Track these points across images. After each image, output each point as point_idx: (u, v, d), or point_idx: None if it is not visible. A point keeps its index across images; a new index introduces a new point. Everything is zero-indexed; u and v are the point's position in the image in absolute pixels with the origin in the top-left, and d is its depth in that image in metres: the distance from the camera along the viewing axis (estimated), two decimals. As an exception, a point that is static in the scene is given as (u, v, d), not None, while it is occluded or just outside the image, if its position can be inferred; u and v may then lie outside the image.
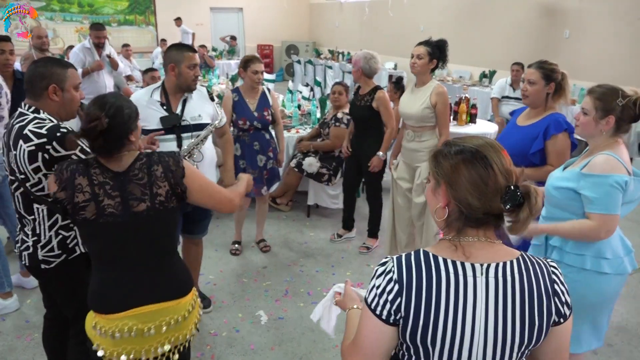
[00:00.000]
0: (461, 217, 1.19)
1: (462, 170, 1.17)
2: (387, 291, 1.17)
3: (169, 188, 1.77)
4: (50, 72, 2.01)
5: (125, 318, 1.75)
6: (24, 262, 2.16)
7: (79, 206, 1.70)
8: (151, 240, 1.80)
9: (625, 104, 2.08)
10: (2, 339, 3.16)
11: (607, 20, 7.68)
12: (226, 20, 15.44)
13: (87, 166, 1.73)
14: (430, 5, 11.39)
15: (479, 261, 1.17)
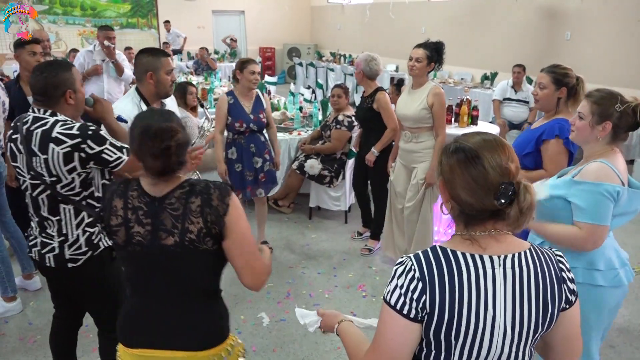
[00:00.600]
0: (461, 213, 1.24)
1: (456, 169, 1.22)
2: (411, 289, 1.19)
3: (203, 226, 1.51)
4: (63, 79, 2.06)
5: (138, 356, 1.60)
6: (48, 265, 2.16)
7: (112, 230, 1.57)
8: (179, 278, 1.57)
9: (624, 110, 1.99)
10: (5, 341, 3.17)
11: (608, 22, 7.68)
12: (228, 23, 15.47)
13: (127, 188, 1.59)
14: (432, 8, 11.41)
15: (495, 253, 1.21)
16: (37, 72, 2.08)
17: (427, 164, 3.63)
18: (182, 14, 14.37)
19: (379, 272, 4.08)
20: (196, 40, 12.92)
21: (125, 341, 1.63)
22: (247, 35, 15.77)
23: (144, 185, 1.58)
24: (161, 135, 1.47)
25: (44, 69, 2.09)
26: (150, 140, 1.47)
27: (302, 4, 16.22)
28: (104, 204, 1.62)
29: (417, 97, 3.56)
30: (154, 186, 1.56)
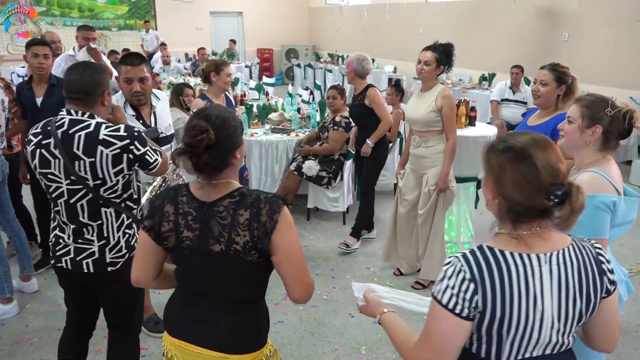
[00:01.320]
0: (509, 212, 1.28)
1: (507, 168, 1.26)
2: (463, 290, 1.24)
3: (249, 239, 1.49)
4: (104, 79, 2.09)
5: (173, 345, 1.64)
6: (86, 271, 2.13)
7: (163, 235, 1.57)
8: (222, 284, 1.57)
9: (614, 115, 1.95)
10: (1, 343, 3.15)
11: (606, 23, 7.70)
12: (226, 24, 15.47)
13: (177, 194, 1.58)
14: (430, 8, 11.42)
15: (541, 251, 1.27)
16: (79, 70, 2.04)
17: (438, 169, 3.54)
18: (180, 16, 14.37)
19: (377, 273, 4.07)
20: (194, 41, 12.91)
21: (169, 329, 1.68)
22: (245, 36, 15.77)
23: (192, 191, 1.57)
24: (191, 132, 1.46)
25: (85, 67, 2.08)
26: (190, 137, 1.46)
27: (300, 5, 16.24)
28: (154, 210, 1.59)
29: (426, 100, 3.50)
30: (203, 191, 1.55)
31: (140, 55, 2.77)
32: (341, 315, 3.48)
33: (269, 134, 5.21)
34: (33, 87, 3.69)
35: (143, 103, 2.73)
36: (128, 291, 2.22)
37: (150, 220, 1.58)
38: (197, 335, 1.59)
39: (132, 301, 2.31)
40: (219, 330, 1.58)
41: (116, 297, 2.27)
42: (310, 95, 8.31)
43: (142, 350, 3.08)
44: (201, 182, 1.55)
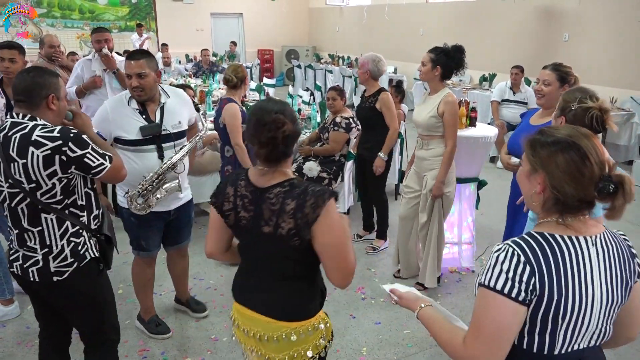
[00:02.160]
0: (558, 203, 1.30)
1: (560, 160, 1.27)
2: (519, 273, 1.23)
3: (293, 227, 1.63)
4: (49, 82, 2.03)
5: (236, 309, 1.86)
6: (32, 279, 2.06)
7: (225, 213, 1.77)
8: (273, 260, 1.75)
9: (577, 111, 2.09)
10: (2, 345, 3.15)
11: (606, 23, 7.70)
12: (226, 25, 15.49)
13: (237, 177, 1.78)
14: (430, 9, 11.42)
15: (588, 234, 1.30)
16: (23, 73, 2.04)
17: (436, 172, 3.51)
18: (181, 17, 14.39)
19: (379, 275, 4.06)
20: (195, 43, 12.93)
21: (234, 295, 1.88)
22: (245, 37, 15.78)
23: (250, 176, 1.75)
24: (270, 125, 1.61)
25: (31, 70, 2.05)
26: (260, 128, 1.62)
27: (300, 6, 16.24)
28: (219, 190, 1.79)
29: (430, 104, 3.47)
30: (260, 177, 1.71)
31: (143, 52, 2.78)
32: (342, 316, 3.47)
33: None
34: (4, 88, 3.66)
35: (144, 99, 2.72)
36: (89, 303, 2.18)
37: (215, 198, 1.79)
38: (253, 302, 1.79)
39: (97, 311, 2.23)
40: (270, 300, 1.76)
41: (76, 309, 2.20)
42: (310, 96, 8.30)
43: (143, 352, 3.09)
44: (261, 170, 1.71)
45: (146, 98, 2.72)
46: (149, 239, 2.98)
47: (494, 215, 5.16)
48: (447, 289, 3.86)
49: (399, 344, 3.21)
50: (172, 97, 2.86)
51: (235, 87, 3.83)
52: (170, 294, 3.59)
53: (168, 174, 2.79)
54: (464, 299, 3.74)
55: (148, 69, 2.66)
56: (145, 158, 2.75)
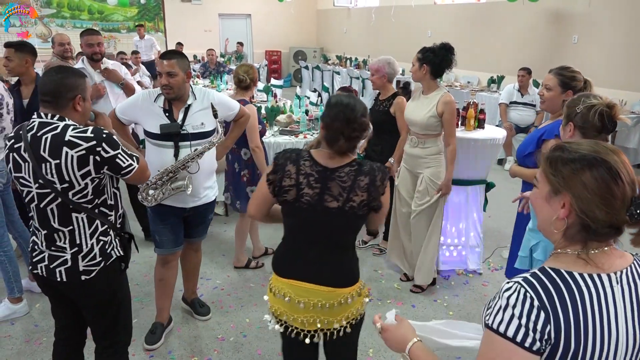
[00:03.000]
0: (583, 230, 1.13)
1: (588, 179, 1.11)
2: (532, 320, 1.08)
3: (365, 199, 1.90)
4: (77, 83, 2.05)
5: (286, 284, 1.98)
6: (59, 279, 2.07)
7: (284, 189, 1.92)
8: (332, 232, 1.96)
9: (583, 111, 2.05)
10: (11, 342, 3.18)
11: (615, 25, 7.65)
12: (234, 26, 15.53)
13: (299, 157, 1.94)
14: (438, 11, 11.40)
15: (612, 270, 1.14)
16: (51, 73, 2.05)
17: (434, 169, 3.57)
18: (189, 18, 14.45)
19: (385, 276, 4.06)
20: (203, 43, 12.97)
21: (280, 272, 2.01)
22: (253, 38, 15.82)
23: (316, 157, 1.94)
24: (358, 126, 1.89)
25: (58, 70, 2.06)
26: (349, 127, 1.87)
27: (308, 7, 16.26)
28: (278, 168, 1.93)
29: (427, 104, 3.50)
30: (329, 159, 1.93)
31: (175, 52, 2.89)
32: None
33: (277, 136, 5.21)
34: (21, 89, 3.70)
35: (172, 97, 2.81)
36: (108, 301, 2.20)
37: (274, 175, 1.93)
38: (313, 275, 1.95)
39: (115, 311, 2.25)
40: (326, 270, 1.95)
41: (96, 307, 2.21)
42: (318, 97, 8.31)
43: (151, 351, 3.10)
44: (324, 152, 1.94)
45: (174, 96, 2.81)
46: (162, 235, 3.01)
47: (502, 217, 5.14)
48: (454, 291, 3.85)
49: (406, 345, 3.20)
50: (200, 99, 2.91)
51: (247, 88, 3.84)
52: (178, 293, 3.61)
53: (180, 173, 2.82)
54: (471, 302, 3.73)
55: (178, 69, 2.76)
56: (162, 153, 2.82)
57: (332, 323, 1.97)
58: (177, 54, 2.86)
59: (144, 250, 4.24)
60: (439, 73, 3.49)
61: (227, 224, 5.03)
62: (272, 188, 1.95)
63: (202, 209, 3.07)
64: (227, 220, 5.15)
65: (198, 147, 2.85)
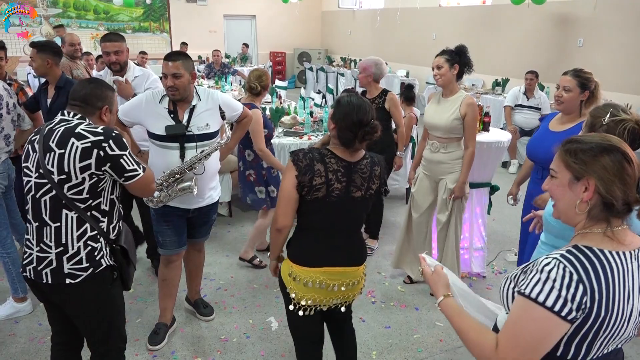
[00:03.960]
0: (605, 209, 1.30)
1: (607, 162, 1.29)
2: (571, 292, 1.22)
3: (379, 185, 2.23)
4: (106, 95, 2.17)
5: (319, 273, 2.15)
6: (45, 281, 2.05)
7: (316, 187, 2.08)
8: (355, 217, 2.23)
9: (609, 124, 2.02)
10: (15, 341, 3.19)
11: (621, 29, 7.63)
12: (239, 27, 15.55)
13: (322, 156, 2.12)
14: (443, 13, 11.39)
15: (631, 248, 1.32)
16: (85, 82, 2.20)
17: (456, 175, 3.51)
18: (194, 19, 14.48)
19: (389, 279, 4.05)
20: (208, 44, 13.00)
21: (310, 262, 2.17)
22: (258, 39, 15.84)
23: (339, 154, 2.13)
24: (369, 129, 2.07)
25: (91, 80, 2.23)
26: (359, 128, 2.06)
27: (313, 9, 16.28)
28: (305, 169, 2.06)
29: (449, 107, 3.45)
30: (350, 154, 2.14)
31: (179, 53, 2.89)
32: (352, 319, 3.45)
33: (282, 137, 5.22)
34: (48, 89, 3.72)
35: (178, 98, 2.82)
36: (97, 312, 2.17)
37: (303, 176, 2.06)
38: (343, 258, 2.20)
39: (106, 320, 2.21)
40: (355, 251, 2.26)
41: (84, 316, 2.17)
42: (322, 98, 8.32)
43: (154, 351, 3.10)
44: (343, 149, 2.13)
45: (180, 98, 2.81)
46: (165, 236, 3.02)
47: (506, 220, 5.13)
48: (458, 294, 3.84)
49: (409, 348, 3.20)
50: (204, 100, 2.92)
51: (258, 94, 3.86)
52: (181, 294, 3.61)
53: (186, 174, 2.82)
54: (475, 305, 3.71)
55: (183, 70, 2.77)
56: (168, 155, 2.82)
57: (349, 297, 2.30)
58: (182, 55, 2.86)
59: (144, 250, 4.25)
60: (462, 75, 3.48)
61: (231, 224, 5.04)
62: (301, 189, 2.08)
63: (206, 209, 3.07)
64: (230, 221, 5.16)
65: (204, 148, 2.86)
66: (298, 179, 2.07)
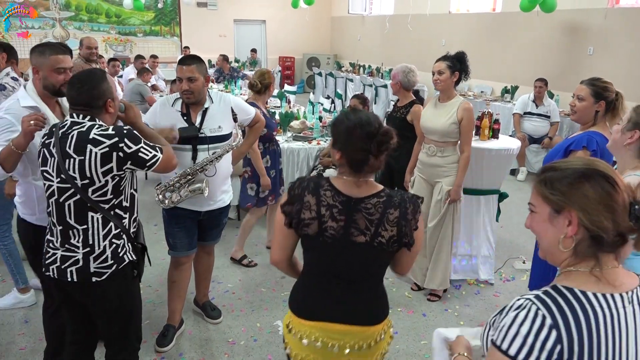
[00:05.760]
0: (594, 243, 1.13)
1: (587, 189, 1.12)
2: (541, 339, 1.06)
3: (395, 234, 1.70)
4: (104, 90, 2.11)
5: (315, 328, 1.78)
6: (70, 280, 2.08)
7: (305, 222, 1.73)
8: (360, 267, 1.77)
9: None
10: (25, 340, 3.21)
11: (631, 37, 7.60)
12: (249, 32, 15.63)
13: (318, 186, 1.74)
14: (452, 20, 11.40)
15: (622, 290, 1.13)
16: (77, 85, 2.07)
17: (452, 178, 3.54)
18: (204, 23, 14.57)
19: (396, 284, 4.05)
20: (217, 48, 13.06)
21: (306, 314, 1.80)
22: (267, 44, 15.91)
23: (337, 186, 1.73)
24: (383, 137, 1.65)
25: (83, 81, 2.08)
26: (372, 139, 1.64)
27: (322, 14, 16.32)
28: (294, 198, 1.73)
29: (446, 111, 3.50)
30: (354, 188, 1.72)
31: (194, 57, 2.90)
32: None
33: (291, 142, 5.24)
34: None
35: (192, 102, 2.85)
36: (119, 307, 2.21)
37: (289, 206, 1.75)
38: (340, 314, 1.77)
39: (126, 318, 2.26)
40: (358, 308, 1.79)
41: (106, 312, 2.21)
42: (331, 104, 8.34)
43: (162, 353, 3.11)
44: (346, 180, 1.73)
45: (194, 101, 2.85)
46: (175, 237, 3.04)
47: (514, 228, 5.11)
48: (465, 301, 3.84)
49: (416, 354, 3.20)
50: (216, 103, 2.96)
51: (259, 92, 3.90)
52: (190, 296, 3.63)
53: (197, 176, 2.85)
54: (482, 312, 3.71)
55: (198, 74, 2.80)
56: (180, 156, 2.84)
57: None
58: (196, 59, 2.89)
59: (158, 253, 4.27)
60: (460, 81, 3.54)
61: (239, 227, 5.05)
62: (289, 221, 1.75)
63: (217, 212, 3.09)
64: (238, 225, 5.16)
65: (216, 150, 2.89)
66: (283, 208, 1.76)
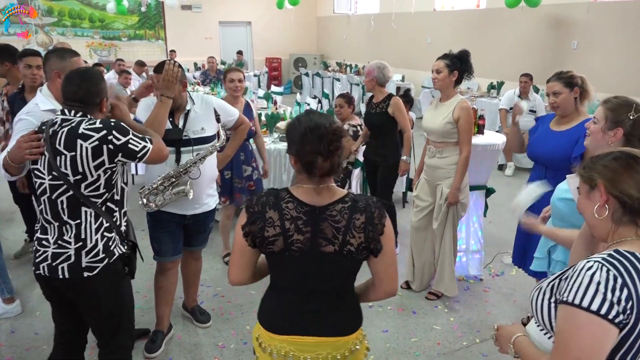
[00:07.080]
0: (627, 211, 1.30)
1: (614, 164, 1.32)
2: (617, 295, 1.17)
3: (364, 241, 1.63)
4: (102, 88, 2.14)
5: (285, 342, 1.72)
6: (61, 276, 2.07)
7: (268, 240, 1.63)
8: (330, 279, 1.71)
9: (636, 119, 2.01)
10: (11, 351, 3.17)
11: (615, 31, 7.68)
12: (235, 34, 15.59)
13: (278, 199, 1.64)
14: (437, 17, 11.44)
15: None
16: (76, 81, 2.08)
17: (452, 180, 3.47)
18: (189, 26, 14.51)
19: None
20: (203, 51, 13.01)
21: (275, 329, 1.74)
22: (253, 46, 15.88)
23: (298, 196, 1.64)
24: (333, 136, 1.55)
25: (84, 77, 2.10)
26: (322, 140, 1.54)
27: (308, 14, 16.32)
28: (255, 217, 1.63)
29: (443, 111, 3.45)
30: (316, 196, 1.64)
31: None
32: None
33: (277, 143, 5.22)
34: (25, 96, 3.64)
35: (172, 108, 2.78)
36: (109, 305, 2.20)
37: (251, 225, 1.64)
38: (316, 327, 1.71)
39: (117, 314, 2.26)
40: (337, 319, 1.73)
41: (97, 310, 2.21)
42: (318, 104, 8.34)
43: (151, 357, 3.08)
44: (306, 188, 1.64)
45: (174, 107, 2.81)
46: (161, 243, 3.01)
47: (502, 223, 5.13)
48: (455, 297, 3.84)
49: (407, 352, 3.19)
50: (198, 104, 2.94)
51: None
52: (178, 301, 3.60)
53: (181, 178, 2.82)
54: (472, 307, 3.72)
55: None
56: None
57: None
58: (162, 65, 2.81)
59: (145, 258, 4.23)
60: (461, 80, 3.49)
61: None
62: (251, 241, 1.66)
63: (203, 216, 3.07)
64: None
65: (199, 152, 2.87)
66: (245, 229, 1.65)
